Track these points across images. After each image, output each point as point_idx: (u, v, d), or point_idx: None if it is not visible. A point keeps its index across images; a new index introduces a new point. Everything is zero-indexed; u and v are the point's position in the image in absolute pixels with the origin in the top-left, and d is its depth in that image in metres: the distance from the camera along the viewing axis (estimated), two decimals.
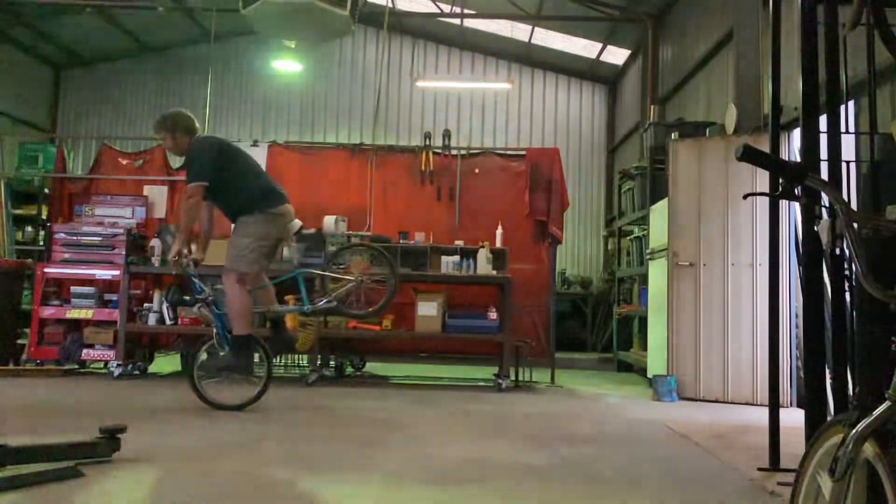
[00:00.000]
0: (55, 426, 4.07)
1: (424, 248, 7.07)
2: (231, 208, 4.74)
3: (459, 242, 7.06)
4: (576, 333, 11.73)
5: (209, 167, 4.56)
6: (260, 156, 7.59)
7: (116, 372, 6.34)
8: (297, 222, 4.90)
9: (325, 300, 4.96)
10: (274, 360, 5.64)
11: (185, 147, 4.70)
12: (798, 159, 4.74)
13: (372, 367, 7.55)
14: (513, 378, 6.70)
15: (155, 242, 6.75)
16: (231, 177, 4.65)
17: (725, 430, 4.73)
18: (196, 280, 4.79)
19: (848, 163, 3.79)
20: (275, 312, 4.95)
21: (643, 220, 7.97)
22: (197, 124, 4.79)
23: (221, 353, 4.72)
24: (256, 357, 4.90)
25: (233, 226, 4.81)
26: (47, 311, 6.64)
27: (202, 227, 4.94)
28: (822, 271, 3.42)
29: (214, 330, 4.77)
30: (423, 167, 7.52)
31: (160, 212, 7.50)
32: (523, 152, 7.76)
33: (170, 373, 7.02)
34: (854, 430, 1.54)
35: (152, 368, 7.06)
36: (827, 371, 3.34)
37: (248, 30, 9.10)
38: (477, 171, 7.56)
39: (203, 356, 4.86)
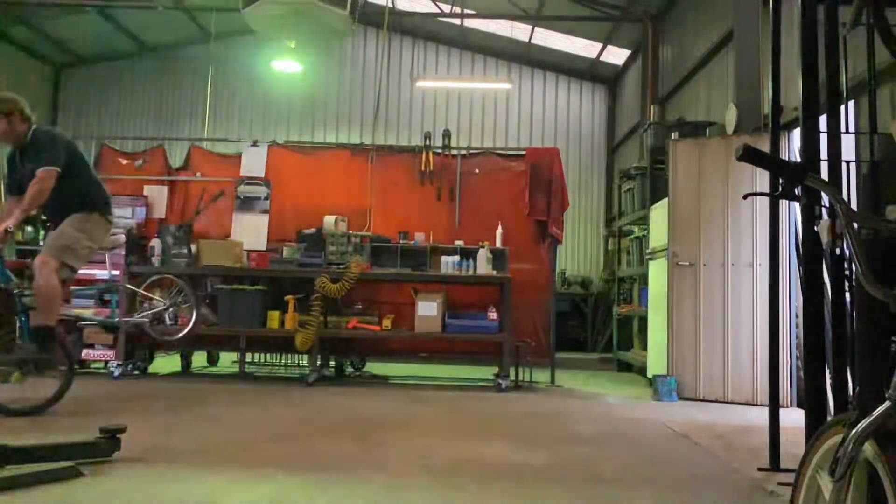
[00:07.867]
0: (55, 426, 4.07)
1: (424, 248, 7.09)
2: (69, 202, 4.55)
3: (459, 242, 7.07)
4: (576, 333, 11.75)
5: (62, 156, 4.44)
6: (260, 156, 7.62)
7: (116, 372, 6.35)
8: (121, 237, 5.06)
9: (137, 316, 5.39)
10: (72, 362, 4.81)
11: (23, 133, 4.45)
12: (798, 159, 4.74)
13: (372, 367, 7.55)
14: (513, 378, 6.69)
15: (155, 242, 6.76)
16: (77, 171, 4.55)
17: (725, 430, 4.73)
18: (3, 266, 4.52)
19: (848, 163, 3.80)
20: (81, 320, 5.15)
21: (643, 220, 7.97)
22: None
23: (18, 348, 4.39)
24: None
25: (59, 223, 4.58)
26: None
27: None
28: (822, 271, 3.42)
29: (17, 323, 4.46)
30: (423, 167, 7.52)
31: (160, 212, 7.50)
32: (523, 152, 7.75)
33: (170, 373, 7.02)
34: (854, 430, 1.55)
35: (152, 368, 7.05)
36: (827, 371, 3.35)
37: (247, 30, 9.08)
38: (477, 171, 7.57)
39: None
